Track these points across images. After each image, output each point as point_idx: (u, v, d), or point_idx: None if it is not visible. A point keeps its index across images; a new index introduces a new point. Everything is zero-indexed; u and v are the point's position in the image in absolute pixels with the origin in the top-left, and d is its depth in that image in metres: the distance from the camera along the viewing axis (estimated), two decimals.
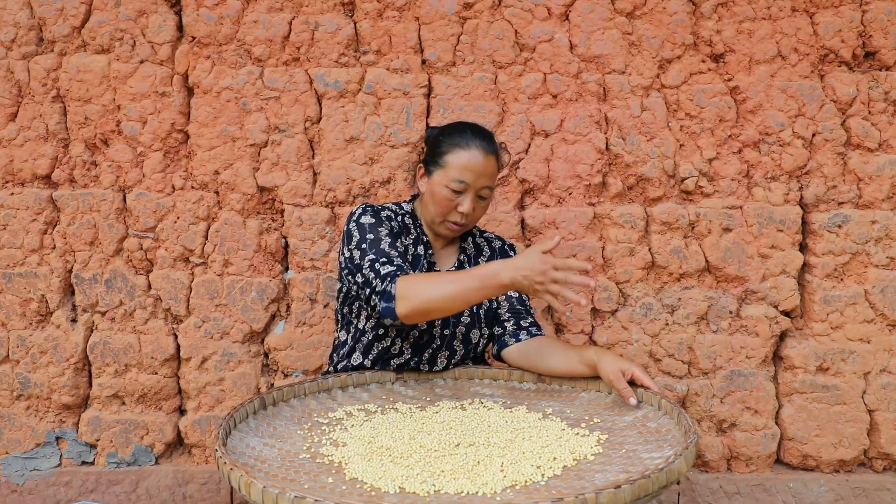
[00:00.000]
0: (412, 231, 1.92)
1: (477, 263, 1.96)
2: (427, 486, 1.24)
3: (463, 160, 1.81)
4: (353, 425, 1.57)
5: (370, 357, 1.88)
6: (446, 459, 1.37)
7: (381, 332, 1.86)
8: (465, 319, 1.88)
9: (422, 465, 1.33)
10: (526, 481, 1.27)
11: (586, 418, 1.64)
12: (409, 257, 1.87)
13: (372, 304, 1.68)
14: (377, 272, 1.69)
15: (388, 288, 1.64)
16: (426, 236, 1.93)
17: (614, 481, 1.18)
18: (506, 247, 2.03)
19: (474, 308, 1.89)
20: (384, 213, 1.87)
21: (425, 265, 1.89)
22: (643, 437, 1.51)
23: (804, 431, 2.34)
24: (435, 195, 1.84)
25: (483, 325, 1.92)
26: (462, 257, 1.96)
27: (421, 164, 1.91)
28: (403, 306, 1.61)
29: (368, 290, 1.69)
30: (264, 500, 1.16)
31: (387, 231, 1.80)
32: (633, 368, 1.68)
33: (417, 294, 1.60)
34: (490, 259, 1.98)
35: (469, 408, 1.70)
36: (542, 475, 1.30)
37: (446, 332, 1.86)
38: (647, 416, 1.63)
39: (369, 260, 1.72)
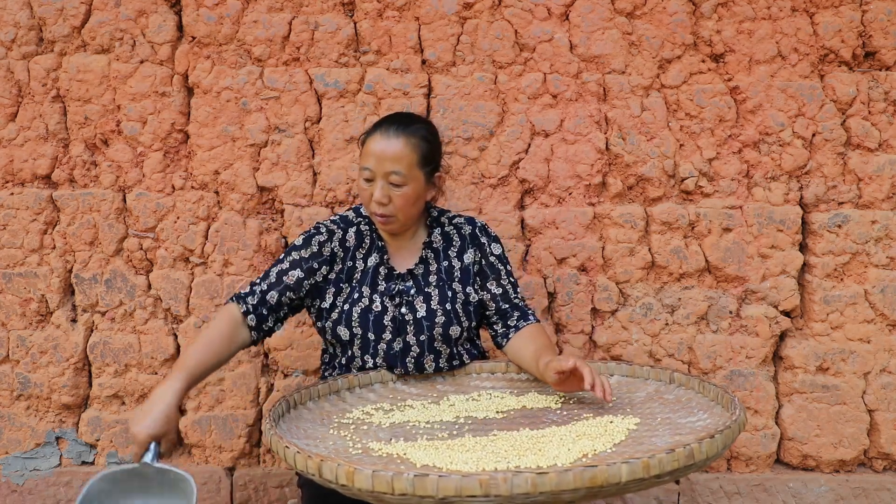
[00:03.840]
0: (366, 240, 1.90)
1: (447, 256, 1.92)
2: (504, 464, 1.24)
3: (369, 147, 1.82)
4: (379, 423, 1.57)
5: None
6: (500, 442, 1.37)
7: (349, 353, 1.86)
8: (440, 319, 1.84)
9: (482, 448, 1.33)
10: (593, 451, 1.29)
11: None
12: (358, 274, 1.86)
13: None
14: (248, 284, 1.87)
15: (228, 300, 1.84)
16: (382, 241, 1.91)
17: (708, 431, 1.29)
18: (476, 231, 1.96)
19: (447, 305, 1.85)
20: (321, 238, 1.87)
21: (382, 272, 1.87)
22: (669, 408, 1.58)
23: (804, 431, 2.34)
24: (357, 189, 1.89)
25: (463, 319, 1.86)
26: (425, 253, 1.91)
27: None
28: None
29: None
30: (375, 486, 1.12)
31: (299, 257, 1.85)
32: (568, 364, 1.59)
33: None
34: (460, 249, 1.93)
35: (481, 399, 1.71)
36: (604, 445, 1.32)
37: (422, 337, 1.83)
38: (659, 391, 1.69)
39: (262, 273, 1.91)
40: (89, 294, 2.38)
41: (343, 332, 1.83)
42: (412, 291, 1.86)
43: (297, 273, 1.83)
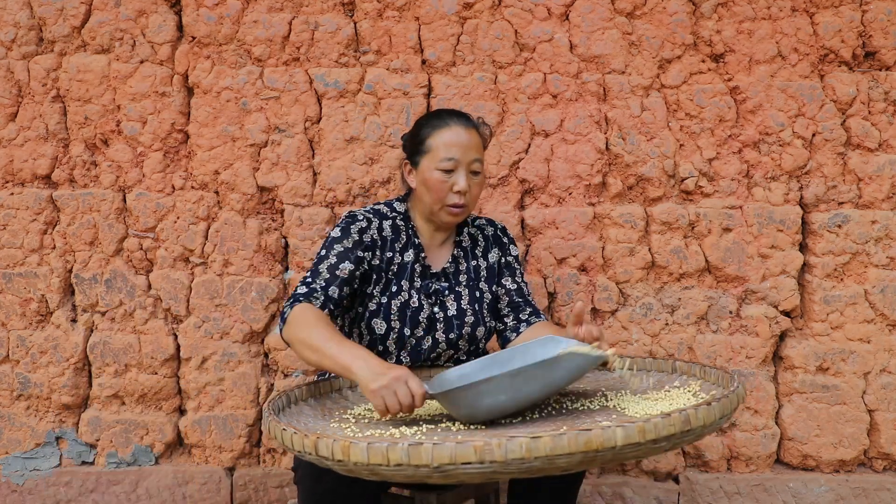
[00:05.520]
0: (402, 235, 1.88)
1: (474, 255, 1.94)
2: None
3: (446, 138, 1.81)
4: (381, 417, 1.57)
5: None
6: (502, 428, 1.37)
7: (379, 348, 1.84)
8: (469, 319, 1.86)
9: (483, 434, 1.33)
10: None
11: (603, 389, 1.68)
12: (395, 267, 1.84)
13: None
14: (296, 288, 1.74)
15: (286, 309, 1.68)
16: (419, 238, 1.89)
17: (705, 399, 1.27)
18: (498, 232, 1.99)
19: (475, 305, 1.88)
20: (360, 225, 1.82)
21: (418, 269, 1.86)
22: (672, 395, 1.56)
23: (804, 431, 2.34)
24: (427, 182, 1.82)
25: (488, 320, 1.90)
26: (457, 252, 1.93)
27: (406, 161, 1.89)
28: (286, 334, 1.65)
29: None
30: (370, 458, 1.12)
31: (343, 249, 1.78)
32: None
33: (294, 332, 1.63)
34: (485, 250, 1.95)
35: None
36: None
37: (452, 335, 1.85)
38: (662, 381, 1.68)
39: (307, 272, 1.79)
40: (89, 294, 2.38)
41: (378, 326, 1.81)
42: (446, 291, 1.88)
43: (348, 266, 1.77)
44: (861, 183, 2.33)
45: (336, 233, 1.82)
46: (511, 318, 1.93)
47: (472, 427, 1.41)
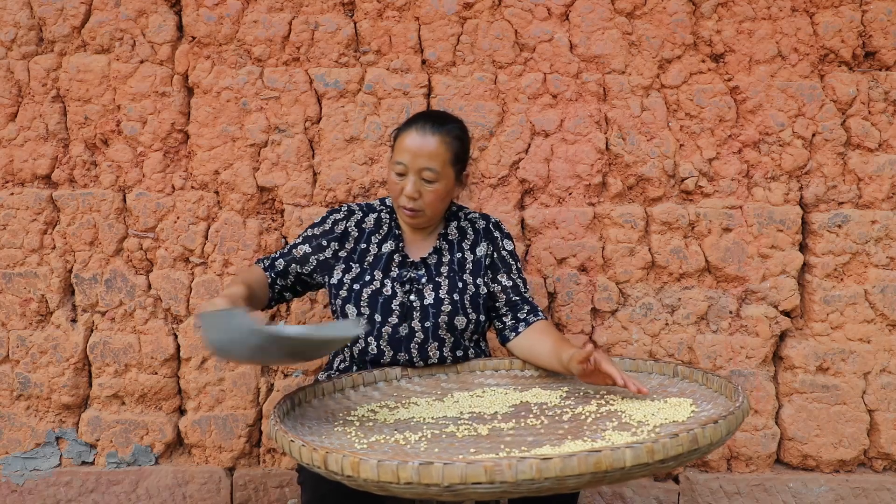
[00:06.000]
0: (384, 227, 1.95)
1: (460, 248, 1.95)
2: (514, 453, 1.24)
3: (403, 142, 1.86)
4: (384, 419, 1.57)
5: (354, 361, 1.91)
6: (512, 435, 1.38)
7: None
8: (447, 308, 1.85)
9: (487, 442, 1.33)
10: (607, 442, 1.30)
11: (604, 391, 1.68)
12: (371, 258, 1.91)
13: None
14: None
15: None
16: (400, 230, 1.95)
17: (710, 417, 1.28)
18: (490, 226, 2.00)
19: (455, 295, 1.87)
20: (336, 217, 1.97)
21: (396, 259, 1.91)
22: (672, 402, 1.57)
23: (804, 431, 2.34)
24: (387, 182, 1.92)
25: (470, 311, 1.88)
26: (440, 244, 1.95)
27: None
28: None
29: None
30: (380, 475, 1.12)
31: (311, 234, 1.96)
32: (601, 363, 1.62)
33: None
34: (474, 241, 1.96)
35: (486, 395, 1.72)
36: (609, 438, 1.33)
37: (427, 324, 1.85)
38: (663, 384, 1.69)
39: None
40: (89, 294, 2.38)
41: (351, 311, 1.86)
42: (423, 280, 1.89)
43: (305, 248, 1.94)
44: (861, 183, 2.33)
45: (317, 220, 1.99)
46: (509, 317, 1.93)
47: (472, 434, 1.42)
